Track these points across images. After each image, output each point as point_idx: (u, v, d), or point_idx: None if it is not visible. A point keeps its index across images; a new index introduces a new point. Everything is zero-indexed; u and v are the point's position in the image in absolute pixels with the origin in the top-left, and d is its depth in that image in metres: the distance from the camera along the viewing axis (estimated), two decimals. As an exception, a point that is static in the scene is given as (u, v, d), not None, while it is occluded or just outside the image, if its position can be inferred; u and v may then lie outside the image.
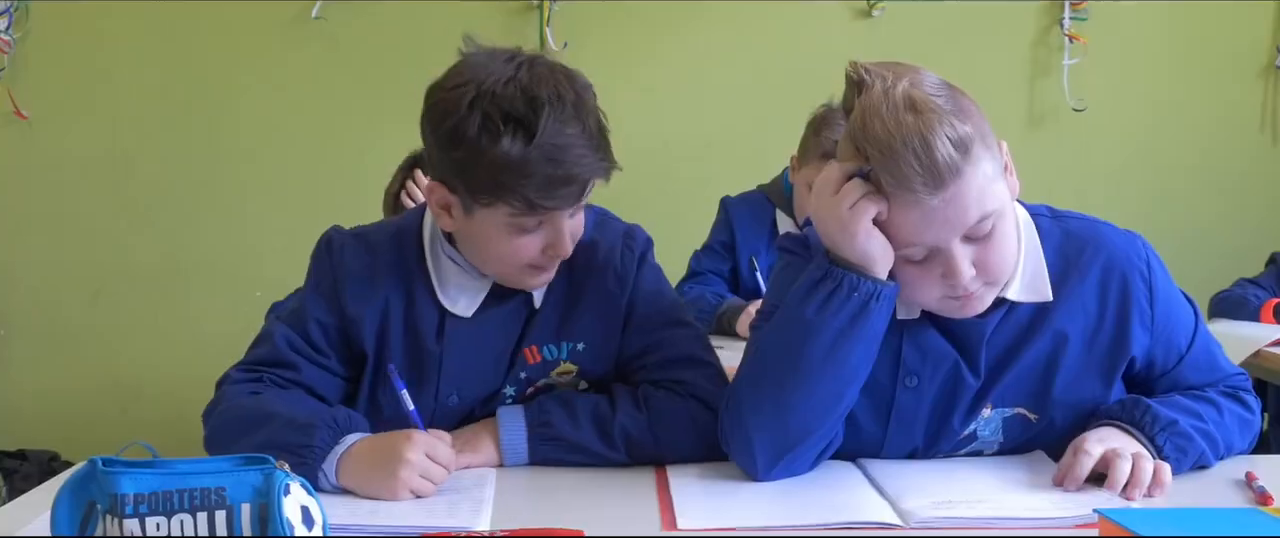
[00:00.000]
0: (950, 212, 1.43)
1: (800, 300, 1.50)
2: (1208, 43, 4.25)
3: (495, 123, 1.50)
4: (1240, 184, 4.29)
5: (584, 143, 1.53)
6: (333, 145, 4.13)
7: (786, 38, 4.14)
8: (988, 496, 1.43)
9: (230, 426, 1.57)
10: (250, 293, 4.09)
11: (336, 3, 4.04)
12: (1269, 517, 1.25)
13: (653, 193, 4.07)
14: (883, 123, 1.41)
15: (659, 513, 1.39)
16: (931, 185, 1.40)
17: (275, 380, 1.64)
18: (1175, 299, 1.66)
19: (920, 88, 1.44)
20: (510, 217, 1.55)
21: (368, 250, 1.69)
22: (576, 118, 1.53)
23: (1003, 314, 1.58)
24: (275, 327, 1.68)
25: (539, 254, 1.59)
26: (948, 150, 1.40)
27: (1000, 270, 1.51)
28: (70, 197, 4.12)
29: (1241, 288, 3.37)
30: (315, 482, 1.46)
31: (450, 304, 1.65)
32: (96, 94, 4.09)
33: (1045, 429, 1.61)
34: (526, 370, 1.69)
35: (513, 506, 1.45)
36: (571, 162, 1.52)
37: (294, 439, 1.49)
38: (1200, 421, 1.56)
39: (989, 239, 1.47)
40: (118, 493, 1.12)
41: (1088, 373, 1.60)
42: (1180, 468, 1.52)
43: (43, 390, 4.15)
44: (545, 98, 1.51)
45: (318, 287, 1.69)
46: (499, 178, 1.51)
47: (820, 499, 1.44)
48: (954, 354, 1.58)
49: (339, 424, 1.52)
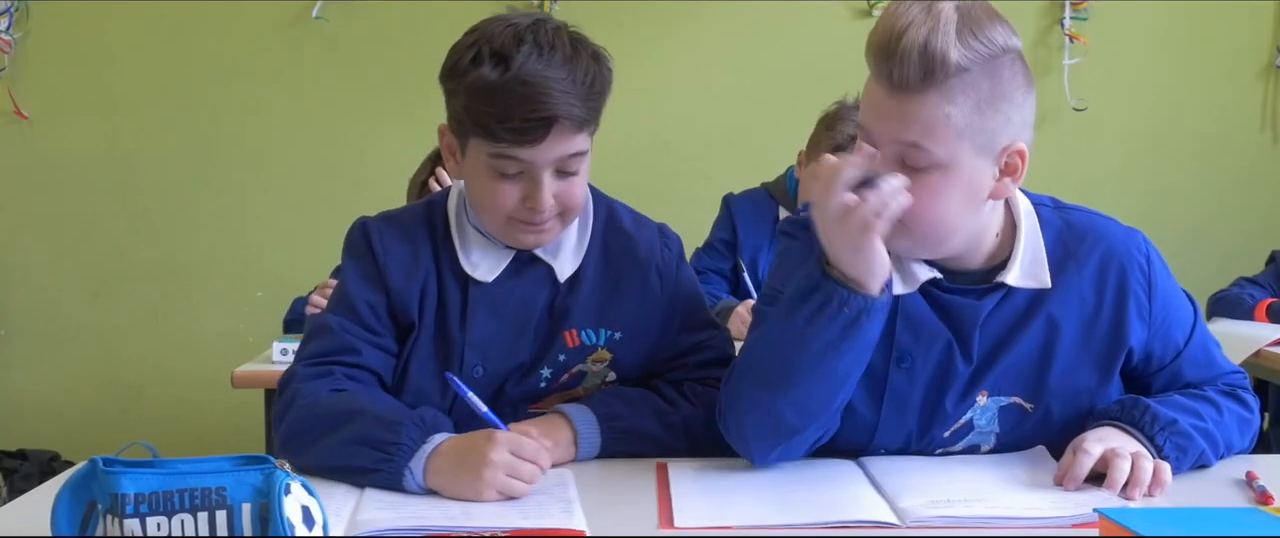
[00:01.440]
0: (890, 113, 1.46)
1: (791, 307, 1.49)
2: (1208, 42, 4.25)
3: (482, 55, 1.57)
4: (1240, 183, 4.29)
5: (559, 85, 1.55)
6: (333, 145, 4.13)
7: (787, 38, 4.14)
8: (986, 495, 1.43)
9: (311, 424, 1.56)
10: (251, 293, 4.10)
11: (336, 3, 4.04)
12: (1269, 517, 1.25)
13: (653, 192, 4.07)
14: (904, 6, 1.45)
15: (657, 512, 1.39)
16: (882, 73, 1.44)
17: (344, 371, 1.64)
18: (1174, 295, 1.66)
19: (968, 12, 1.46)
20: (489, 157, 1.59)
21: (402, 229, 1.72)
22: (563, 64, 1.57)
23: (1000, 298, 1.58)
24: (327, 319, 1.69)
25: (519, 205, 1.61)
26: (906, 50, 1.42)
27: (920, 218, 1.47)
28: (70, 196, 4.12)
29: (1240, 287, 3.37)
30: (401, 481, 1.46)
31: (472, 269, 1.68)
32: (97, 94, 4.09)
33: (1042, 421, 1.60)
34: (565, 353, 1.70)
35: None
36: (540, 97, 1.54)
37: (382, 435, 1.48)
38: (1200, 420, 1.56)
39: (922, 175, 1.46)
40: (118, 493, 1.12)
41: (1084, 364, 1.60)
42: (1180, 468, 1.51)
43: (43, 390, 4.16)
44: (531, 39, 1.57)
45: (360, 271, 1.70)
46: (471, 104, 1.57)
47: (818, 498, 1.44)
48: (947, 334, 1.58)
49: (426, 423, 1.51)
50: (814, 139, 3.09)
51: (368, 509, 1.38)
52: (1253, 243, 3.95)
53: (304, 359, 1.66)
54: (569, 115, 1.57)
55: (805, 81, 3.97)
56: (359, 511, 1.38)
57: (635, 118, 4.06)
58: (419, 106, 4.12)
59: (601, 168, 1.57)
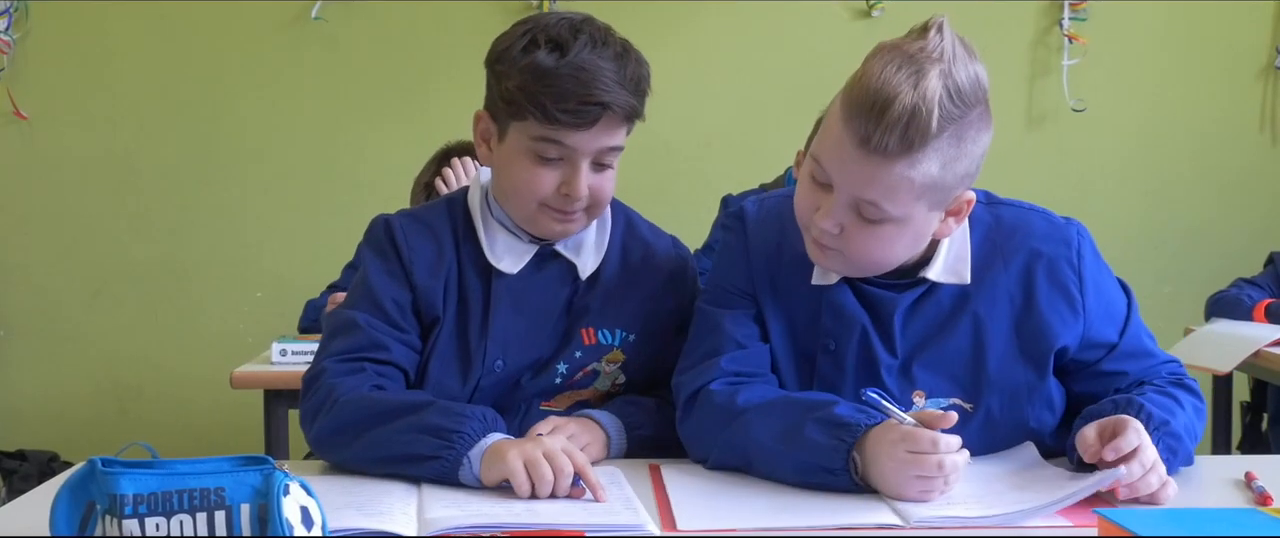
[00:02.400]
0: (856, 173, 1.47)
1: (796, 455, 1.49)
2: (1207, 43, 4.25)
3: (537, 41, 1.63)
4: (1239, 184, 4.29)
5: (613, 75, 1.61)
6: (332, 145, 4.13)
7: (786, 38, 4.14)
8: (985, 495, 1.43)
9: (362, 416, 1.55)
10: (250, 293, 4.11)
11: (336, 4, 4.04)
12: (1268, 517, 1.25)
13: (652, 193, 4.07)
14: (885, 65, 1.46)
15: (657, 514, 1.39)
16: (864, 139, 1.44)
17: (375, 368, 1.65)
18: (1106, 286, 1.66)
19: (952, 79, 1.46)
20: (532, 139, 1.62)
21: (426, 226, 1.74)
22: (614, 57, 1.63)
23: (921, 292, 1.60)
24: (353, 315, 1.68)
25: (555, 192, 1.64)
26: (893, 118, 1.42)
27: (861, 255, 1.53)
28: (70, 197, 4.12)
29: (1238, 288, 3.37)
30: (457, 471, 1.47)
31: (496, 261, 1.70)
32: (96, 94, 4.09)
33: (984, 422, 1.60)
34: (582, 350, 1.72)
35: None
36: (595, 83, 1.60)
37: (444, 424, 1.49)
38: (1177, 416, 1.55)
39: (873, 225, 1.50)
40: (117, 493, 1.12)
41: (1017, 360, 1.61)
42: (1170, 469, 1.51)
43: (42, 391, 4.16)
44: (587, 31, 1.64)
45: (385, 268, 1.71)
46: (526, 85, 1.60)
47: (819, 500, 1.44)
48: (865, 318, 1.60)
49: (487, 420, 1.53)
50: (811, 139, 3.09)
51: (434, 508, 1.39)
52: (1251, 243, 3.95)
53: (332, 355, 1.66)
54: (620, 105, 1.62)
55: (804, 82, 3.97)
56: (424, 509, 1.39)
57: (635, 118, 4.07)
58: (418, 107, 4.14)
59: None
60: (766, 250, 1.67)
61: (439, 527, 1.31)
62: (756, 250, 1.68)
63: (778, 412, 1.54)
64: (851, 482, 1.45)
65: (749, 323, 1.67)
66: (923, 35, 1.50)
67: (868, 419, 1.47)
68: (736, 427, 1.55)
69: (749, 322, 1.67)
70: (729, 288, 1.69)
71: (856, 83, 1.47)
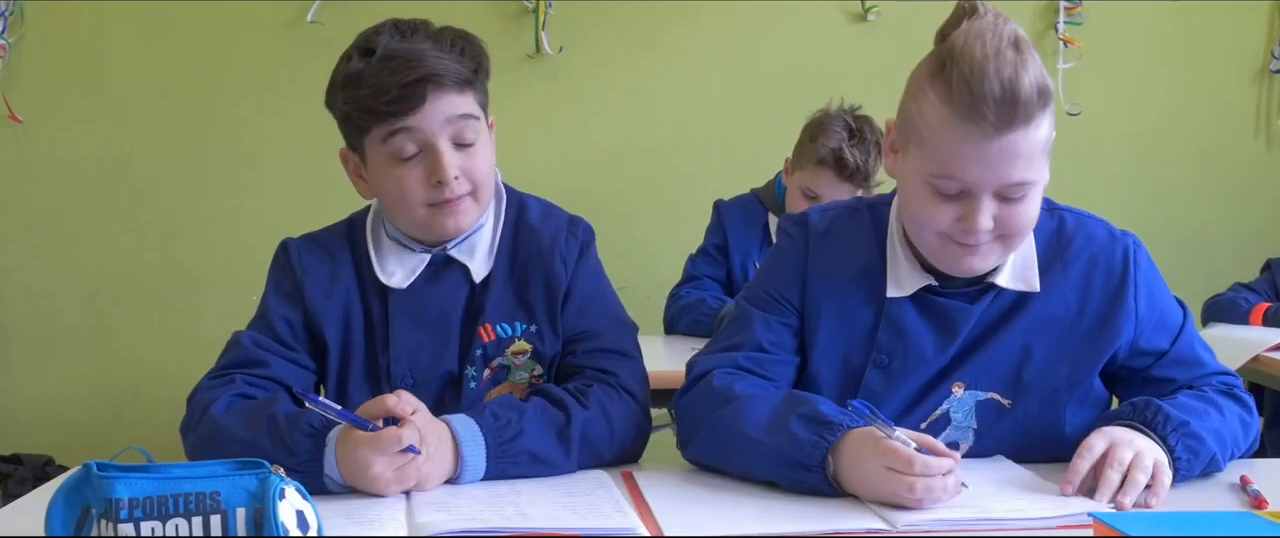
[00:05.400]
0: (1000, 160, 1.47)
1: (775, 447, 1.49)
2: (1202, 47, 4.25)
3: (350, 55, 1.65)
4: (1235, 188, 4.29)
5: (426, 51, 1.61)
6: (328, 148, 4.10)
7: (781, 41, 4.14)
8: (968, 501, 1.43)
9: (220, 437, 1.57)
10: (246, 297, 4.07)
11: (332, 7, 4.04)
12: (1263, 521, 1.25)
13: (647, 196, 4.07)
14: (984, 46, 1.45)
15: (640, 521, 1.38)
16: (1002, 121, 1.44)
17: (247, 380, 1.67)
18: (1160, 296, 1.68)
19: (1021, 32, 1.49)
20: (384, 144, 1.63)
21: (323, 249, 1.76)
22: (427, 39, 1.63)
23: (991, 300, 1.61)
24: (241, 334, 1.75)
25: (426, 187, 1.64)
26: (1031, 92, 1.44)
27: (1018, 233, 1.55)
28: (65, 200, 4.11)
29: (1235, 292, 3.37)
30: (323, 487, 1.47)
31: (387, 278, 1.71)
32: (92, 98, 4.08)
33: (1020, 419, 1.62)
34: (482, 348, 1.72)
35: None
36: (406, 65, 1.59)
37: (283, 459, 1.46)
38: (1207, 420, 1.56)
39: (1018, 202, 1.51)
40: (112, 498, 1.12)
41: (1062, 363, 1.62)
42: (1192, 470, 1.51)
43: (37, 395, 4.15)
44: (389, 27, 1.65)
45: (279, 288, 1.76)
46: (350, 96, 1.63)
47: (804, 506, 1.43)
48: (932, 336, 1.61)
49: (315, 428, 1.50)
50: (798, 147, 3.10)
51: (423, 512, 1.39)
52: (1248, 248, 3.95)
53: (210, 372, 1.71)
54: (442, 71, 1.61)
55: (800, 85, 3.97)
56: (413, 514, 1.39)
57: (629, 121, 4.07)
58: (414, 110, 4.14)
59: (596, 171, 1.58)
60: (827, 264, 1.67)
61: (429, 531, 1.31)
62: (816, 263, 1.68)
63: (767, 404, 1.55)
64: (825, 480, 1.44)
65: (779, 329, 1.68)
66: (972, 15, 1.51)
67: (851, 421, 1.47)
68: (725, 413, 1.56)
69: (779, 328, 1.68)
70: (773, 292, 1.69)
71: (965, 81, 1.45)
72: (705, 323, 2.99)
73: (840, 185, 2.98)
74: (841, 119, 3.02)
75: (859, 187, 2.98)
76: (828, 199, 2.94)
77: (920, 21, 4.11)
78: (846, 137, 2.98)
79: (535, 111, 3.98)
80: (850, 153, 2.96)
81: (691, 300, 3.09)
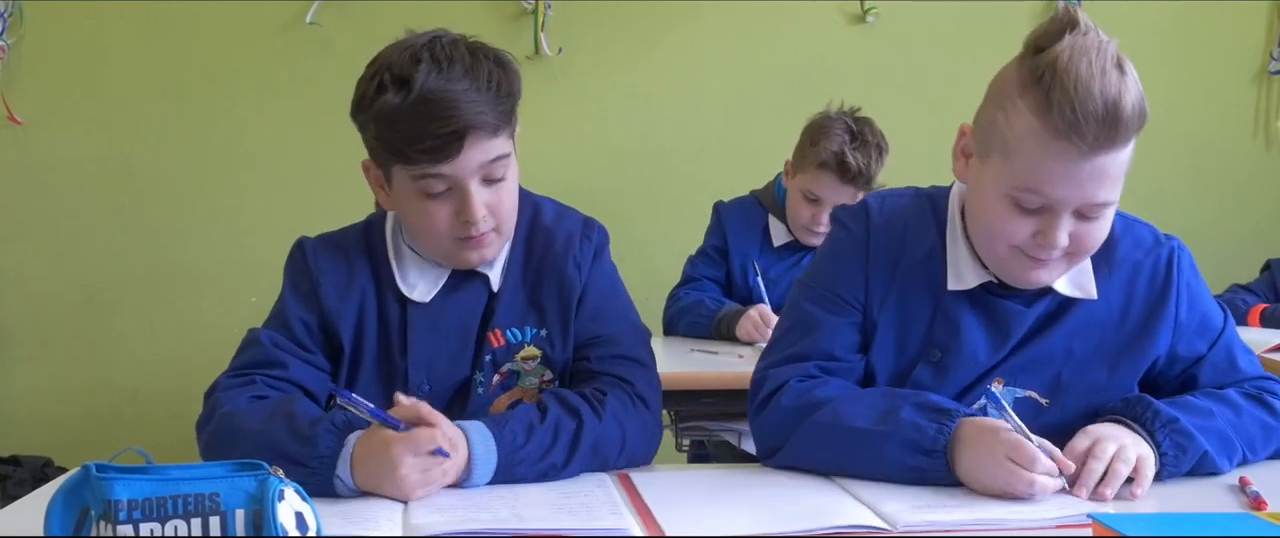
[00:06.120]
0: (1088, 179, 1.46)
1: (893, 434, 1.50)
2: (1201, 48, 4.25)
3: (384, 82, 1.57)
4: (1234, 190, 4.29)
5: (464, 95, 1.55)
6: (327, 150, 4.12)
7: (780, 42, 4.14)
8: (963, 500, 1.44)
9: (230, 435, 1.55)
10: (245, 298, 4.10)
11: (331, 2, 4.04)
12: (1262, 522, 1.25)
13: (646, 197, 4.07)
14: (1090, 65, 1.43)
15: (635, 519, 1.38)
16: (1100, 142, 1.43)
17: (266, 381, 1.65)
18: (1202, 302, 1.68)
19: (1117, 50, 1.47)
20: (413, 180, 1.59)
21: (340, 251, 1.74)
22: (464, 75, 1.56)
23: (1045, 303, 1.62)
24: (259, 333, 1.71)
25: (453, 223, 1.61)
26: (1132, 115, 1.44)
27: (1089, 251, 1.56)
28: (64, 201, 4.11)
29: (1233, 294, 3.37)
30: (333, 488, 1.46)
31: (409, 291, 1.69)
32: (90, 99, 4.08)
33: (1056, 417, 1.62)
34: (492, 353, 1.71)
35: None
36: (445, 112, 1.54)
37: (301, 450, 1.47)
38: (1209, 419, 1.56)
39: (1095, 221, 1.51)
40: (111, 499, 1.12)
41: (1102, 365, 1.63)
42: (1178, 467, 1.52)
43: (36, 396, 4.14)
44: (428, 56, 1.57)
45: (296, 289, 1.72)
46: (381, 133, 1.58)
47: (800, 506, 1.43)
48: (984, 335, 1.61)
49: (337, 426, 1.50)
50: (799, 150, 3.10)
51: (419, 513, 1.39)
52: (1246, 249, 3.96)
53: (228, 370, 1.68)
54: (480, 124, 1.56)
55: (799, 86, 3.97)
56: (410, 515, 1.39)
57: (628, 122, 4.07)
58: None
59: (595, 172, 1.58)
60: (890, 253, 1.66)
61: (426, 532, 1.31)
62: (878, 252, 1.66)
63: (866, 400, 1.56)
64: (944, 465, 1.47)
65: (849, 332, 1.66)
66: (1073, 29, 1.49)
67: (965, 409, 1.50)
68: (822, 413, 1.56)
69: (849, 331, 1.66)
70: (838, 292, 1.67)
71: (1068, 98, 1.43)
72: (703, 324, 2.99)
73: (842, 188, 2.97)
74: (842, 122, 3.01)
75: (861, 189, 2.98)
76: (829, 202, 2.94)
77: (917, 23, 4.14)
78: (848, 139, 2.97)
79: (534, 113, 3.96)
80: (852, 156, 2.95)
81: (690, 302, 3.09)
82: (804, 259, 3.15)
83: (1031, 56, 1.49)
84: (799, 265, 3.14)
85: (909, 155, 3.14)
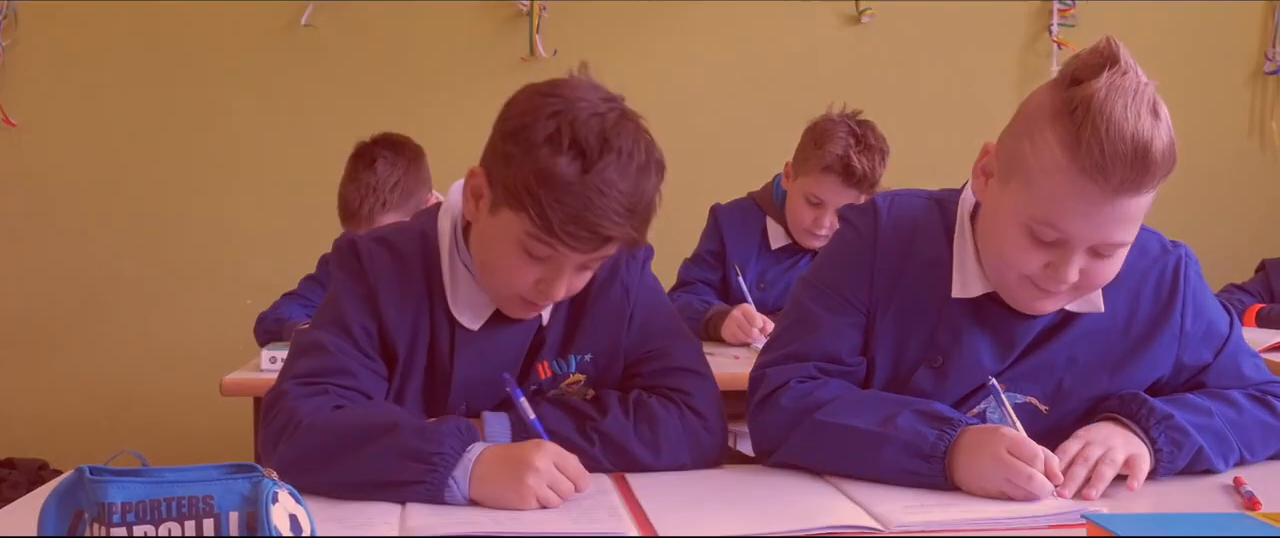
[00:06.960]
0: (1109, 220, 1.45)
1: (892, 437, 1.50)
2: (1196, 48, 4.26)
3: (562, 140, 1.48)
4: (1229, 189, 4.30)
5: (626, 201, 1.49)
6: (322, 152, 4.11)
7: (775, 43, 4.15)
8: (956, 501, 1.44)
9: (329, 441, 1.49)
10: (239, 301, 4.09)
11: (327, 4, 4.04)
12: (1257, 522, 1.25)
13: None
14: (1125, 107, 1.40)
15: (633, 523, 1.38)
16: (1126, 186, 1.41)
17: (340, 391, 1.58)
18: (1208, 310, 1.67)
19: (1155, 94, 1.45)
20: (525, 233, 1.51)
21: (396, 257, 1.65)
22: (636, 172, 1.51)
23: (1051, 315, 1.61)
24: (320, 336, 1.62)
25: (533, 286, 1.56)
26: (1161, 161, 1.42)
27: (1096, 287, 1.55)
28: (58, 204, 4.11)
29: (1229, 293, 3.37)
30: (443, 492, 1.43)
31: (458, 315, 1.63)
32: (85, 101, 4.08)
33: (1055, 423, 1.62)
34: (538, 384, 1.68)
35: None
36: (607, 213, 1.48)
37: (422, 446, 1.44)
38: (1206, 417, 1.56)
39: (1107, 259, 1.50)
40: (105, 501, 1.12)
41: (1104, 371, 1.63)
42: (1174, 463, 1.52)
43: (31, 399, 4.14)
44: (618, 146, 1.49)
45: (353, 293, 1.63)
46: (537, 188, 1.47)
47: (792, 507, 1.43)
48: (987, 342, 1.61)
49: (463, 433, 1.48)
50: (801, 152, 3.08)
51: (417, 515, 1.39)
52: (1240, 248, 3.96)
53: (295, 377, 1.59)
54: (626, 239, 1.53)
55: (794, 87, 3.98)
56: (407, 517, 1.39)
57: (625, 124, 4.06)
58: (408, 114, 4.13)
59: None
60: (896, 255, 1.64)
61: (423, 532, 1.31)
62: (884, 254, 1.64)
63: (867, 402, 1.57)
64: (940, 471, 1.47)
65: (850, 333, 1.65)
66: (1113, 66, 1.45)
67: (967, 419, 1.51)
68: (823, 413, 1.56)
69: (851, 332, 1.65)
70: (842, 292, 1.66)
71: (1099, 139, 1.40)
72: (693, 324, 2.99)
73: (846, 191, 2.96)
74: (845, 125, 3.00)
75: (864, 193, 2.97)
76: (833, 205, 2.93)
77: (913, 24, 4.15)
78: (853, 143, 2.96)
79: (530, 114, 3.98)
80: (857, 159, 2.94)
81: (679, 305, 3.08)
82: (802, 262, 3.15)
83: (1067, 87, 1.45)
84: (797, 268, 3.14)
85: (904, 156, 3.14)
